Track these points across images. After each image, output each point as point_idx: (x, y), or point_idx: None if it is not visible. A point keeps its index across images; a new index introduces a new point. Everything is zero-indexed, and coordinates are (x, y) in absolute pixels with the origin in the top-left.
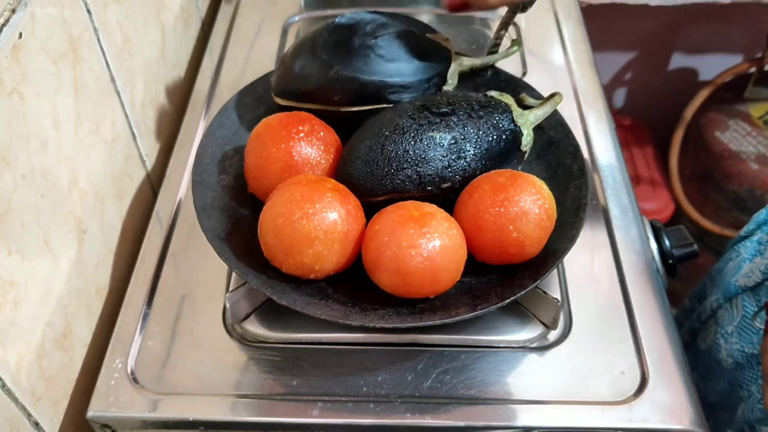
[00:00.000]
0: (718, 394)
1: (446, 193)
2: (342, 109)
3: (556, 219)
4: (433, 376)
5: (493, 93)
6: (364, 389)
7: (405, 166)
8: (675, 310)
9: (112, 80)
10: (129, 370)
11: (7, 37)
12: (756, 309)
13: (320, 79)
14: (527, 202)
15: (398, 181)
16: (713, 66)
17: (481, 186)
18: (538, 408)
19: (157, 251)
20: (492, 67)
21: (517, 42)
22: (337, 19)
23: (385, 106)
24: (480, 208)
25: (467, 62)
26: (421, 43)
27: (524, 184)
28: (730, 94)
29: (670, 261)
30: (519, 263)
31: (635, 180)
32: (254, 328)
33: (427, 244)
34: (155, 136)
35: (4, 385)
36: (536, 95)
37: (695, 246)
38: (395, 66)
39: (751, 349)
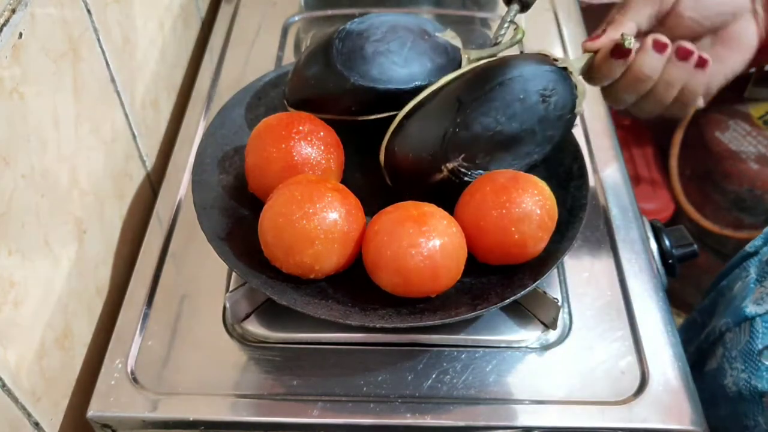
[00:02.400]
0: (720, 419)
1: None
2: (359, 118)
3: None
4: (433, 376)
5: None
6: (364, 389)
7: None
8: (680, 320)
9: (112, 80)
10: (129, 370)
11: (7, 37)
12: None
13: (337, 91)
14: (529, 204)
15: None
16: None
17: (483, 187)
18: (538, 408)
19: (157, 251)
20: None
21: (520, 31)
22: (348, 25)
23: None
24: (481, 210)
25: (475, 55)
26: (432, 44)
27: (526, 185)
28: (730, 94)
29: (670, 261)
30: (519, 263)
31: (635, 180)
32: (254, 328)
33: (426, 243)
34: (155, 136)
35: (4, 385)
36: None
37: (695, 246)
38: (409, 71)
39: (757, 383)
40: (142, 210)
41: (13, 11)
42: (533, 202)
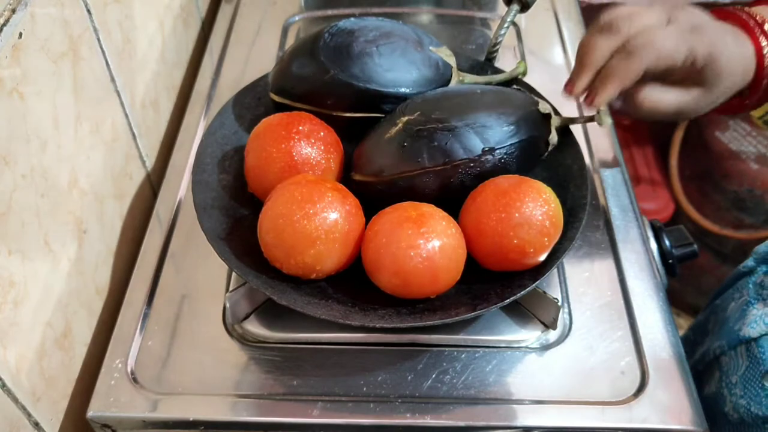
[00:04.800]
0: None
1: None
2: (334, 113)
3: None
4: (433, 376)
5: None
6: (364, 389)
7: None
8: (680, 320)
9: (112, 80)
10: (129, 370)
11: (7, 37)
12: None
13: (315, 82)
14: (529, 209)
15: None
16: None
17: (485, 190)
18: (538, 408)
19: (157, 251)
20: (491, 66)
21: (522, 65)
22: (341, 22)
23: (378, 115)
24: (482, 213)
25: (469, 79)
26: (423, 57)
27: (528, 190)
28: None
29: (670, 261)
30: (519, 270)
31: (635, 180)
32: (254, 328)
33: (425, 244)
34: (155, 136)
35: (4, 385)
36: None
37: (695, 246)
38: (392, 76)
39: (757, 410)
40: (142, 210)
41: (13, 11)
42: (534, 208)
